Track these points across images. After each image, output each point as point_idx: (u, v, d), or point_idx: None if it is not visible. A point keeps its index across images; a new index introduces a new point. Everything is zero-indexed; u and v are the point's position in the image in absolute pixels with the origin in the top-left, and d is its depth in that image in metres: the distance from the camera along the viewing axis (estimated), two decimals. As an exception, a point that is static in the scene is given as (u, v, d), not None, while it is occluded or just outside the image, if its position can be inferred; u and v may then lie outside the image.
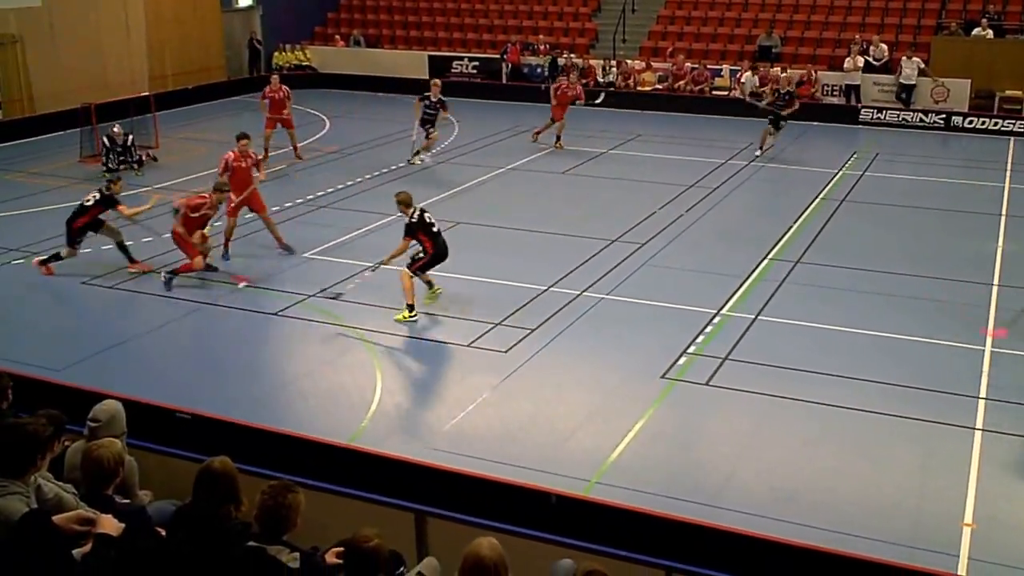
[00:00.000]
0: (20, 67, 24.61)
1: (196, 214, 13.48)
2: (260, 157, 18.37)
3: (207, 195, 13.76)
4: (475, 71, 30.89)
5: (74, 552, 4.87)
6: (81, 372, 10.75)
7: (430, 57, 31.53)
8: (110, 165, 20.05)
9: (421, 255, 12.70)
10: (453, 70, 31.11)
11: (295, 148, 21.72)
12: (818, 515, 8.41)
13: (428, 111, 20.86)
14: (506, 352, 11.54)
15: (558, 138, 22.79)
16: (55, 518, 4.96)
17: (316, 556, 5.38)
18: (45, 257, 14.10)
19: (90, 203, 13.94)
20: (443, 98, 20.95)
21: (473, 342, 11.84)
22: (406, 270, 12.59)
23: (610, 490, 8.54)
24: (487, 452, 9.32)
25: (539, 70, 30.00)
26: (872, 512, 8.52)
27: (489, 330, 12.12)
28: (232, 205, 14.61)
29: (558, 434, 9.79)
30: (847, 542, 7.65)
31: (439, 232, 12.76)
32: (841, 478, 9.12)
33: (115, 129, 20.35)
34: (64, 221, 14.08)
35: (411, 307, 12.39)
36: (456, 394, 10.64)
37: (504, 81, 30.28)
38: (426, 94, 21.01)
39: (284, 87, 21.40)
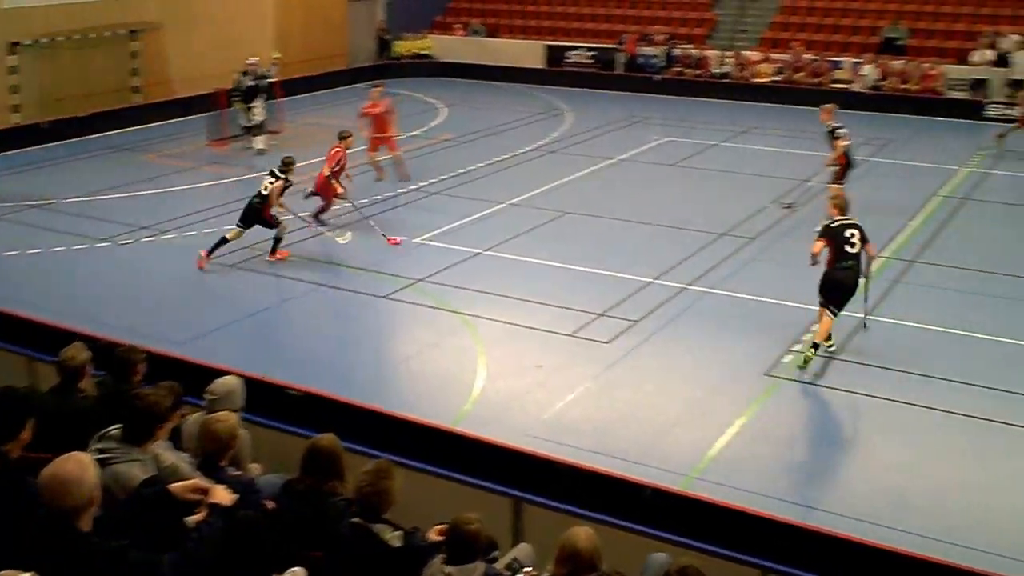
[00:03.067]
0: (159, 53, 25.61)
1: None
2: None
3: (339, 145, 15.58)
4: (591, 61, 30.82)
5: (187, 519, 5.13)
6: (202, 346, 11.22)
7: (547, 47, 31.58)
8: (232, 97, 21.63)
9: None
10: (568, 59, 31.11)
11: (401, 169, 18.71)
12: (926, 523, 8.21)
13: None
14: (609, 343, 11.58)
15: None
16: (171, 486, 5.23)
17: (417, 536, 5.56)
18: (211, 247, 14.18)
19: (266, 191, 14.13)
20: (835, 126, 16.21)
21: (576, 331, 11.91)
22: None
23: (709, 486, 8.52)
24: (586, 442, 9.39)
25: (654, 61, 29.76)
26: (987, 524, 8.30)
27: (592, 320, 12.18)
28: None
29: (658, 427, 9.81)
30: (959, 554, 7.40)
31: (850, 255, 10.93)
32: (952, 486, 8.90)
33: (249, 60, 21.61)
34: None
35: (815, 345, 10.91)
36: (557, 382, 10.73)
37: (619, 71, 30.16)
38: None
39: (387, 100, 18.59)
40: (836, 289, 11.01)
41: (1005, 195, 18.24)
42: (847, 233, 11.00)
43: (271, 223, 14.22)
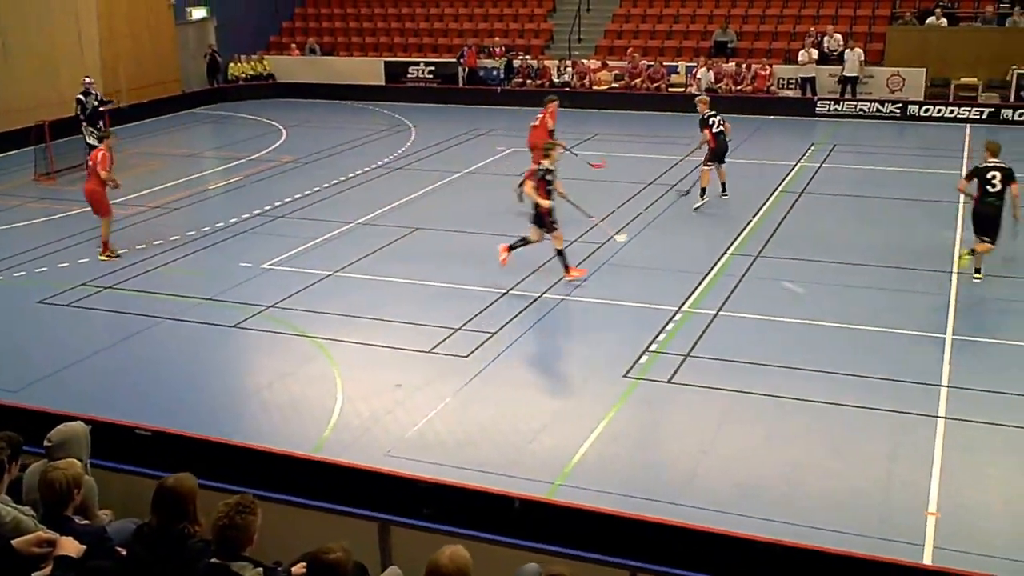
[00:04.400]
0: (-29, 86, 24.29)
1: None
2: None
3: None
4: (431, 76, 30.87)
5: (33, 575, 4.83)
6: (39, 392, 10.64)
7: (386, 63, 31.49)
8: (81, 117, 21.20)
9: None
10: (409, 75, 31.08)
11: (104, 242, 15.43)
12: (783, 510, 8.47)
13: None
14: (467, 357, 11.54)
15: None
16: (13, 542, 4.91)
17: (279, 571, 5.36)
18: (512, 243, 14.24)
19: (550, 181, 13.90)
20: (709, 114, 17.71)
21: (434, 348, 11.82)
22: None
23: (574, 492, 8.57)
24: (450, 458, 9.32)
25: (495, 73, 30.06)
26: (837, 504, 8.59)
27: (450, 335, 12.12)
28: None
29: (521, 437, 9.80)
30: (813, 535, 7.68)
31: (991, 193, 13.44)
32: (805, 471, 9.19)
33: (87, 80, 21.50)
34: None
35: (972, 251, 13.75)
36: (418, 401, 10.62)
37: (461, 85, 30.30)
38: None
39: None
40: (980, 220, 13.58)
41: (837, 187, 19.09)
42: (989, 175, 13.39)
43: (542, 223, 13.87)
